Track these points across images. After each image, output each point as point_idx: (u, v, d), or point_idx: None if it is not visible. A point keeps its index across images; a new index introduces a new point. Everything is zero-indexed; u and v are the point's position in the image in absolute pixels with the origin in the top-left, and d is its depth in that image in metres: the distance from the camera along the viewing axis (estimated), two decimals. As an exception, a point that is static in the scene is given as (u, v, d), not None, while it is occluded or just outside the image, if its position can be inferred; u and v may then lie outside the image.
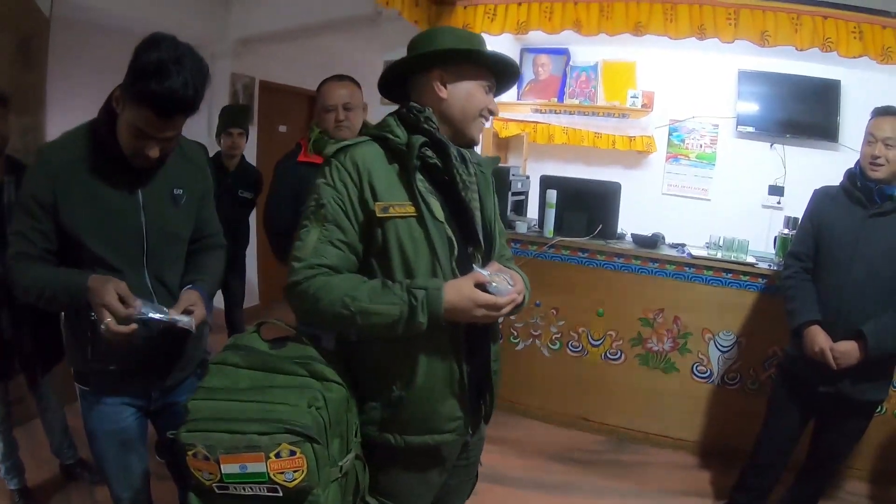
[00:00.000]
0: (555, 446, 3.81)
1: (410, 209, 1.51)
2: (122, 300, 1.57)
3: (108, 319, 1.55)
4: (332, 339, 1.62)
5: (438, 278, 1.50)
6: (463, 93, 1.61)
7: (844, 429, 2.68)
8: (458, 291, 1.45)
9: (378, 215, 1.49)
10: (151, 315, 1.60)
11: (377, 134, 1.58)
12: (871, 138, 2.51)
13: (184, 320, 1.66)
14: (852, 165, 2.64)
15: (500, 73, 1.69)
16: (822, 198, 2.73)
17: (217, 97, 5.26)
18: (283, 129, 6.41)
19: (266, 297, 6.22)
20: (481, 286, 1.46)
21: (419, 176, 1.53)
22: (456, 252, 1.54)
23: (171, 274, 1.85)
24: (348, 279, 1.50)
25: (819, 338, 2.52)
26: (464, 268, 1.55)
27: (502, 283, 1.49)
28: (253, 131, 5.64)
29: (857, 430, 2.69)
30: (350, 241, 1.52)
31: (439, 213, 1.53)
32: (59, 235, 1.70)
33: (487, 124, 1.89)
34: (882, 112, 2.53)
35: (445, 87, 1.60)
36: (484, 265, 1.58)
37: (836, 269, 2.57)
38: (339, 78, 2.77)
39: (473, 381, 1.63)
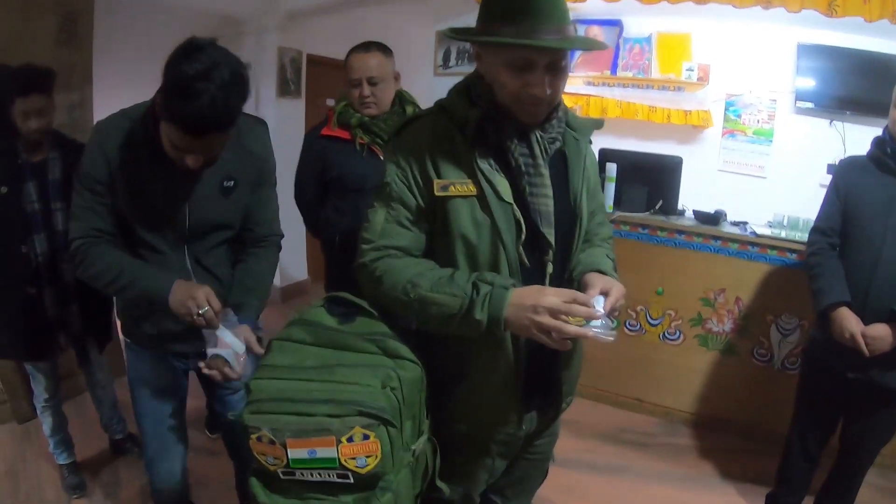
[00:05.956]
0: (608, 427, 3.73)
1: (472, 188, 1.37)
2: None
3: (206, 308, 1.60)
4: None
5: (504, 274, 1.37)
6: (490, 73, 1.37)
7: (875, 420, 2.46)
8: (524, 298, 1.27)
9: (437, 194, 1.37)
10: (221, 335, 1.65)
11: (443, 105, 1.46)
12: None
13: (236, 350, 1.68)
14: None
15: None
16: (849, 168, 2.51)
17: (265, 71, 5.23)
18: (330, 102, 6.27)
19: (315, 273, 6.15)
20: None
21: (483, 152, 1.38)
22: (524, 235, 1.38)
23: (214, 256, 1.84)
24: (416, 264, 1.40)
25: (849, 321, 2.29)
26: (533, 252, 1.41)
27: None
28: (300, 104, 5.65)
29: (889, 422, 2.46)
30: (418, 219, 1.42)
31: (506, 193, 1.37)
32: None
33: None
34: None
35: (481, 61, 1.39)
36: (560, 249, 1.46)
37: (867, 245, 2.34)
38: (366, 48, 2.57)
39: (532, 381, 1.51)
